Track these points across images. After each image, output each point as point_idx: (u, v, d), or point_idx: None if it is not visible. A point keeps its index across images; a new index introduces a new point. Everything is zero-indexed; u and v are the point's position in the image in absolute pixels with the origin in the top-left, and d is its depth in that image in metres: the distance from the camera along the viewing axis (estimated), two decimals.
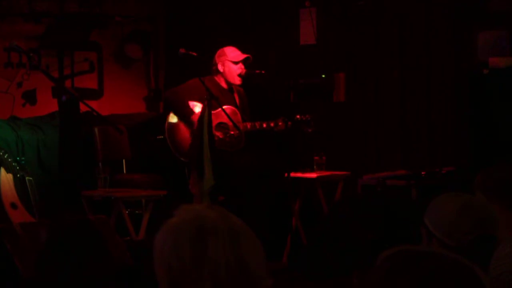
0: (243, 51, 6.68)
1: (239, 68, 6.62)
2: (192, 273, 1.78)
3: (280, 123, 6.45)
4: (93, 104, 6.38)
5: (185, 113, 6.48)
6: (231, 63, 6.63)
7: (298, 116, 6.46)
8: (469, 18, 6.51)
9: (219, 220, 1.83)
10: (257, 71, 6.64)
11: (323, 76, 7.10)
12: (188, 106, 6.47)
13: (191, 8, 8.15)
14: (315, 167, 6.75)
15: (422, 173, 6.06)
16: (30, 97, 7.78)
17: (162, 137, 6.59)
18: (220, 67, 6.65)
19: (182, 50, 6.24)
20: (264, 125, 6.49)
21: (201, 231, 1.80)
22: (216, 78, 6.66)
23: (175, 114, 6.56)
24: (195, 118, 6.23)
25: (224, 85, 6.67)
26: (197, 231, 1.81)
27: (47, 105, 7.54)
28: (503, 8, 6.36)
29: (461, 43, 6.59)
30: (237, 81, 6.64)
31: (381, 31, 6.99)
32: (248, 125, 6.52)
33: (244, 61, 6.64)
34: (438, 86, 6.72)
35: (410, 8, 6.84)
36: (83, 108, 6.10)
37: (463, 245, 2.63)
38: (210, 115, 5.85)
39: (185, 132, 6.49)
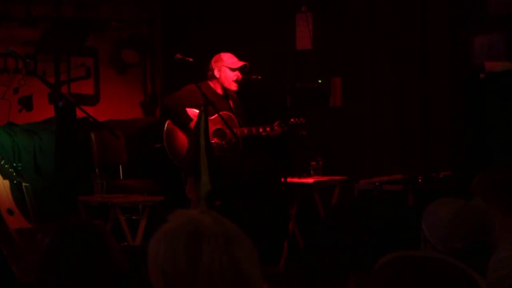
0: (240, 56, 6.66)
1: (235, 75, 6.60)
2: (186, 278, 1.78)
3: (276, 127, 6.43)
4: (90, 109, 6.36)
5: (183, 121, 6.45)
6: (228, 69, 6.60)
7: (292, 119, 6.45)
8: (467, 21, 6.51)
9: (213, 225, 1.83)
10: (254, 76, 6.62)
11: (320, 81, 7.09)
12: (186, 113, 6.43)
13: (189, 12, 8.14)
14: (311, 172, 6.74)
15: (419, 177, 6.06)
16: (26, 103, 7.77)
17: (160, 145, 6.56)
18: (216, 73, 6.61)
19: (178, 55, 6.22)
20: (261, 130, 6.48)
21: (195, 236, 1.80)
22: (211, 84, 6.63)
23: (173, 122, 6.53)
24: (193, 125, 6.20)
25: (219, 91, 6.64)
26: (191, 236, 1.80)
27: (44, 111, 7.52)
28: (500, 12, 6.35)
29: (458, 47, 6.59)
30: (234, 87, 6.61)
31: (377, 35, 6.98)
32: (245, 130, 6.50)
33: (241, 69, 6.61)
34: (435, 89, 6.71)
35: (407, 11, 6.83)
36: (79, 113, 6.08)
37: (456, 251, 2.62)
38: (206, 120, 5.84)
39: (183, 139, 6.46)
